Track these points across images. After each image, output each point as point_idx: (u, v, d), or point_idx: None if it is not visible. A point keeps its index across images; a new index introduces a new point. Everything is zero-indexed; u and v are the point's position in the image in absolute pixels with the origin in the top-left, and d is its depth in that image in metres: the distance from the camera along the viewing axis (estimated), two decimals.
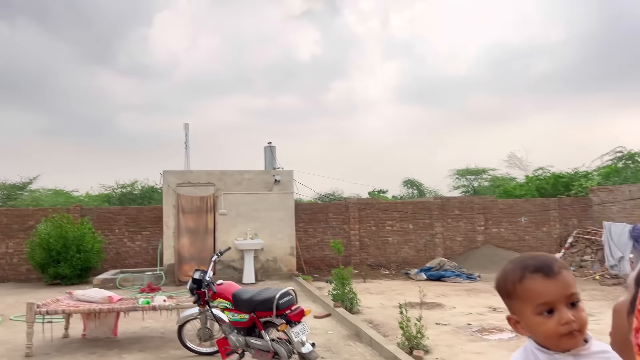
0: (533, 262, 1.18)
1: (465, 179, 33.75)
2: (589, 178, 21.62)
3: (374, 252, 16.89)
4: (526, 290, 1.14)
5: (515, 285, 1.16)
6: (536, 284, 1.13)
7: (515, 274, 1.17)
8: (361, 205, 17.70)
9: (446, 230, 17.27)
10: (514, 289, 1.18)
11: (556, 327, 1.12)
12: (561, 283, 1.14)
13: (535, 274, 1.14)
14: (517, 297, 1.17)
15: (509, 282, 1.20)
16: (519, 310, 1.18)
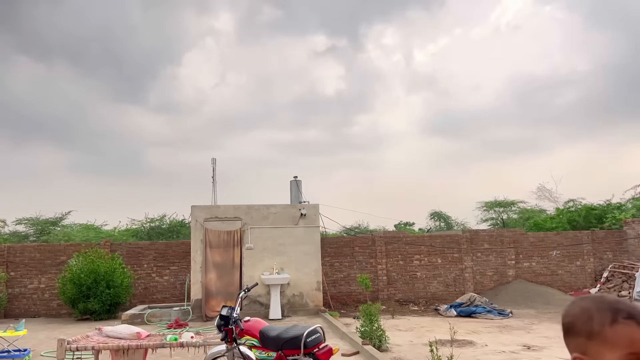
0: (625, 308, 1.11)
1: (493, 211, 33.18)
2: (622, 210, 21.01)
3: (402, 287, 16.60)
4: (618, 335, 1.07)
5: (605, 327, 1.09)
6: (631, 331, 1.07)
7: (605, 315, 1.11)
8: (388, 238, 17.53)
9: (476, 265, 16.90)
10: (601, 331, 1.10)
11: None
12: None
13: (630, 321, 1.08)
14: (602, 340, 1.09)
15: (595, 322, 1.12)
16: (597, 353, 1.10)
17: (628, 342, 1.04)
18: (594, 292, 15.99)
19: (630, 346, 1.04)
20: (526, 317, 13.16)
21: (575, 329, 1.15)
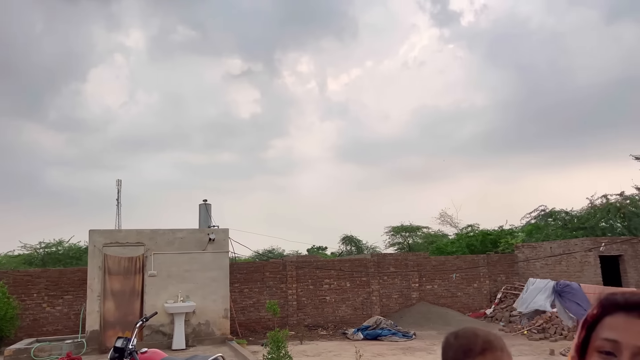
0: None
1: (400, 235, 34.47)
2: (514, 235, 22.73)
3: (311, 312, 16.62)
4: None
5: (502, 342, 1.32)
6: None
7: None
8: (299, 263, 17.55)
9: (382, 288, 17.38)
10: (502, 345, 1.32)
11: None
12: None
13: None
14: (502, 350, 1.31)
15: (497, 339, 1.33)
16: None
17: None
18: (489, 312, 17.03)
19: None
20: (428, 338, 13.68)
21: (493, 343, 1.31)
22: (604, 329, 1.05)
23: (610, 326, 1.04)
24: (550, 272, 16.82)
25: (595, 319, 1.08)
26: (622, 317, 1.03)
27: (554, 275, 16.27)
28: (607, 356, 1.01)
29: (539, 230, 21.87)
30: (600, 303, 1.10)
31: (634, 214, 20.01)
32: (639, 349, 0.98)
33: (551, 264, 17.18)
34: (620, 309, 1.05)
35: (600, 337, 1.04)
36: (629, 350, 0.98)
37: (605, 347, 1.02)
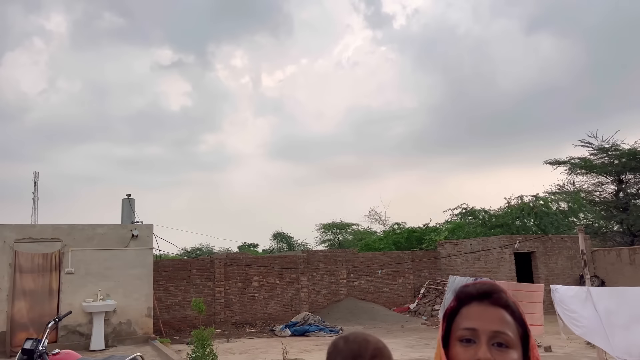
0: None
1: (331, 232, 34.95)
2: (437, 232, 23.69)
3: (239, 310, 16.44)
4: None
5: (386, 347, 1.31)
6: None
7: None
8: (227, 260, 17.29)
9: (311, 284, 17.51)
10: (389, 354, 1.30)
11: None
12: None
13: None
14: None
15: (382, 344, 1.32)
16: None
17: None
18: (413, 307, 17.65)
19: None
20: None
21: (384, 351, 1.28)
22: (462, 319, 1.13)
23: (467, 316, 1.13)
24: (470, 268, 17.68)
25: (453, 311, 1.18)
26: (476, 307, 1.13)
27: (473, 270, 17.13)
28: (468, 343, 1.10)
29: (461, 228, 22.94)
30: (456, 296, 1.19)
31: (545, 214, 21.50)
32: (494, 333, 1.08)
33: (471, 260, 18.08)
34: (474, 299, 1.15)
35: (460, 327, 1.12)
36: (485, 335, 1.08)
37: (465, 335, 1.11)
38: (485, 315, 1.11)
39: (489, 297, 1.14)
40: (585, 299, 6.98)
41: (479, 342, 1.09)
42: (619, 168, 23.93)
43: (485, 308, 1.13)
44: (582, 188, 25.64)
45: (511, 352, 1.08)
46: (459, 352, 1.10)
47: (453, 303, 1.18)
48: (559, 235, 18.74)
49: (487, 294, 1.15)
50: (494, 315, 1.12)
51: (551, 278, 16.00)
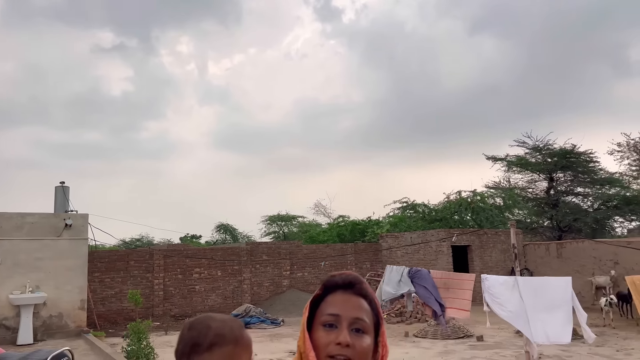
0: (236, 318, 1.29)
1: (276, 224, 34.87)
2: (380, 226, 24.16)
3: (179, 302, 16.11)
4: (249, 338, 1.25)
5: (242, 333, 1.23)
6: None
7: (238, 323, 1.25)
8: (167, 252, 16.89)
9: (254, 276, 17.42)
10: (241, 336, 1.22)
11: None
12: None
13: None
14: (243, 344, 1.22)
15: (237, 330, 1.23)
16: (239, 356, 1.21)
17: (251, 342, 1.23)
18: None
19: (251, 346, 1.23)
20: (296, 325, 14.02)
21: (225, 338, 1.19)
22: (327, 306, 1.22)
23: (331, 303, 1.22)
24: (409, 260, 18.16)
25: (318, 298, 1.25)
26: (341, 295, 1.23)
27: (413, 262, 17.59)
28: (330, 328, 1.18)
29: (402, 222, 23.50)
30: (323, 284, 1.28)
31: (482, 209, 22.40)
32: (354, 319, 1.19)
33: (410, 253, 18.57)
34: (339, 288, 1.24)
35: (324, 313, 1.20)
36: (346, 321, 1.18)
37: (329, 320, 1.19)
38: (348, 303, 1.21)
39: (352, 287, 1.24)
40: (513, 286, 7.37)
41: (341, 327, 1.18)
42: (551, 166, 25.29)
43: (349, 297, 1.23)
44: (517, 185, 26.92)
45: (366, 337, 1.18)
46: (321, 335, 1.18)
47: (319, 291, 1.26)
48: (494, 230, 19.58)
49: (351, 284, 1.24)
50: (355, 303, 1.22)
51: (485, 270, 16.69)
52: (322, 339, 1.17)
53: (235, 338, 1.18)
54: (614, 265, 15.81)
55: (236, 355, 1.18)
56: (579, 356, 9.08)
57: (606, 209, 25.37)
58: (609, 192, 25.14)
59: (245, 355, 1.20)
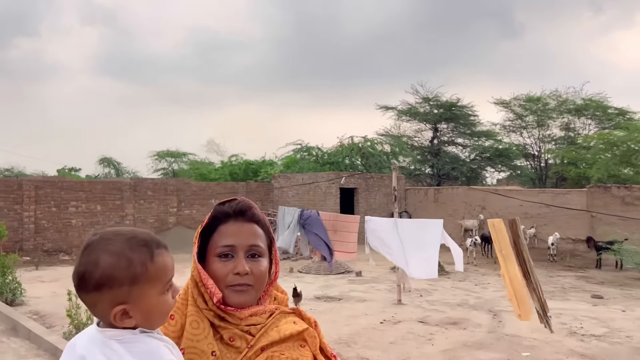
0: (150, 238, 1.03)
1: (165, 161, 33.54)
2: (273, 166, 24.24)
3: (52, 237, 15.06)
4: (158, 268, 1.00)
5: (147, 265, 0.98)
6: (164, 259, 1.02)
7: (142, 252, 0.99)
8: (39, 183, 15.53)
9: (138, 212, 16.72)
10: (144, 271, 0.99)
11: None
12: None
13: (160, 249, 1.02)
14: (146, 279, 0.99)
15: (137, 264, 0.98)
16: (140, 295, 0.99)
17: (165, 270, 1.02)
18: None
19: (167, 273, 1.03)
20: (181, 262, 13.71)
21: (116, 280, 0.96)
22: (220, 237, 1.18)
23: (224, 234, 1.18)
24: (300, 201, 18.54)
25: (208, 228, 1.20)
26: (233, 224, 1.20)
27: (303, 203, 17.99)
28: (226, 258, 1.16)
29: (295, 164, 23.77)
30: (212, 215, 1.22)
31: (371, 154, 23.33)
32: (249, 247, 1.18)
33: (301, 193, 18.94)
34: (230, 217, 1.20)
35: (219, 245, 1.17)
36: (242, 250, 1.17)
37: (224, 251, 1.16)
38: (241, 232, 1.19)
39: (243, 215, 1.21)
40: (393, 227, 7.85)
41: (237, 256, 1.16)
42: (437, 117, 26.85)
43: (241, 225, 1.20)
44: (405, 133, 28.30)
45: (262, 260, 1.19)
46: (217, 267, 1.15)
47: (208, 220, 1.21)
48: (380, 174, 20.55)
49: (242, 212, 1.21)
50: (248, 231, 1.20)
51: (370, 212, 17.57)
52: (219, 270, 1.15)
53: (132, 276, 0.98)
54: (481, 210, 17.48)
55: (135, 294, 0.98)
56: (443, 289, 10.03)
57: (480, 160, 27.74)
58: (484, 145, 27.40)
59: (154, 289, 1.00)
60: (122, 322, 0.98)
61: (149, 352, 0.99)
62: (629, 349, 6.13)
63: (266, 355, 1.12)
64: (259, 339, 1.14)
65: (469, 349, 6.08)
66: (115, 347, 0.97)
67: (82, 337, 1.03)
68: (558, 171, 24.86)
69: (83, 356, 0.98)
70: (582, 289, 10.44)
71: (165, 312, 1.04)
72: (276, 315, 1.19)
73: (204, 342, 1.12)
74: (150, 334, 1.02)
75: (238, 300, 1.15)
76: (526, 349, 6.04)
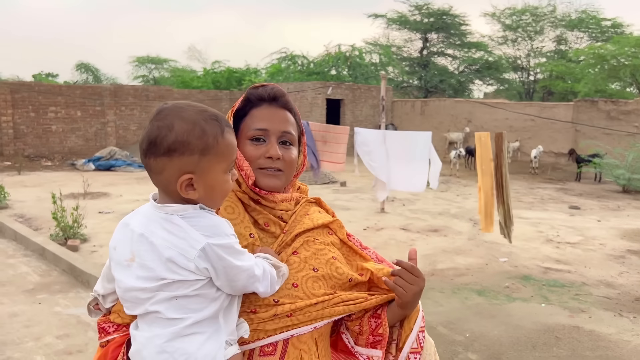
0: (221, 116, 1.03)
1: (145, 67, 32.48)
2: (258, 75, 23.59)
3: (33, 142, 14.77)
4: (227, 144, 1.00)
5: (217, 139, 0.98)
6: (232, 138, 1.03)
7: (214, 126, 0.99)
8: (15, 87, 14.93)
9: (119, 119, 16.36)
10: (214, 143, 0.98)
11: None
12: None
13: (229, 129, 1.03)
14: (215, 153, 0.99)
15: (209, 136, 0.98)
16: (208, 168, 0.98)
17: (232, 149, 1.03)
18: None
19: (233, 153, 1.04)
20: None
21: (189, 146, 0.95)
22: (253, 120, 1.17)
23: (258, 117, 1.17)
24: None
25: (240, 111, 1.19)
26: (266, 109, 1.18)
27: None
28: (258, 142, 1.16)
29: (280, 72, 23.14)
30: (245, 97, 1.21)
31: (358, 65, 22.74)
32: (282, 133, 1.17)
33: None
34: (264, 101, 1.19)
35: (252, 128, 1.16)
36: (275, 135, 1.16)
37: (257, 135, 1.16)
38: (275, 117, 1.18)
39: (277, 101, 1.20)
40: (381, 140, 7.79)
41: (269, 141, 1.16)
42: (427, 26, 25.97)
43: (275, 110, 1.19)
44: (394, 43, 27.47)
45: (293, 149, 1.19)
46: (250, 149, 1.15)
47: (241, 104, 1.20)
48: (367, 85, 20.17)
49: (276, 97, 1.20)
50: (282, 117, 1.19)
51: (356, 124, 17.45)
52: (251, 152, 1.15)
53: (204, 146, 0.97)
54: (467, 123, 17.47)
55: (203, 165, 0.98)
56: (425, 199, 10.23)
57: (469, 72, 27.31)
58: (474, 56, 26.83)
59: (220, 164, 1.00)
60: (187, 192, 0.97)
61: (213, 226, 0.98)
62: (601, 255, 6.41)
63: (302, 240, 1.18)
64: (292, 226, 1.19)
65: (449, 254, 6.29)
66: (178, 222, 0.97)
67: (136, 216, 1.03)
68: (546, 85, 24.69)
69: (142, 234, 0.97)
70: (560, 200, 10.74)
71: (225, 191, 1.04)
72: (302, 204, 1.25)
73: (241, 225, 1.13)
74: (210, 211, 1.02)
75: (269, 184, 1.16)
76: (504, 255, 6.28)
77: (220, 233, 0.98)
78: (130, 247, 0.98)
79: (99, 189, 10.31)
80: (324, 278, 1.14)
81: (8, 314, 3.90)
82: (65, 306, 4.11)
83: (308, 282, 1.12)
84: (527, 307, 4.66)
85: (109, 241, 1.05)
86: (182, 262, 0.95)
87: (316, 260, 1.16)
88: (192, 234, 0.96)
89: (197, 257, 0.95)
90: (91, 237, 6.41)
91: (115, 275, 1.02)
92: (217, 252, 0.96)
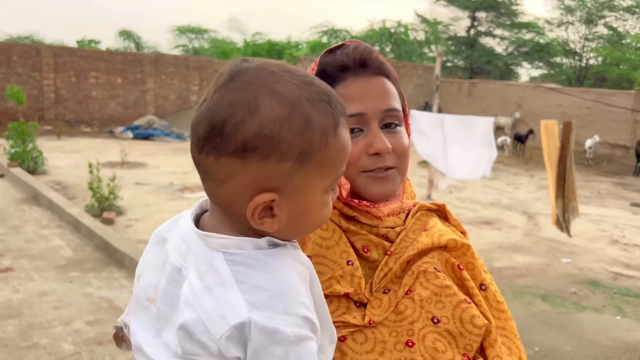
0: (334, 93, 0.60)
1: (186, 37, 32.33)
2: (298, 49, 23.05)
3: (73, 107, 14.76)
4: (340, 146, 0.59)
5: (328, 136, 0.57)
6: (347, 135, 0.61)
7: (325, 112, 0.57)
8: (57, 50, 14.88)
9: (159, 88, 16.18)
10: (322, 144, 0.57)
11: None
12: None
13: (344, 118, 0.61)
14: (320, 161, 0.58)
15: (316, 130, 0.56)
16: (302, 186, 0.58)
17: (345, 154, 0.60)
18: None
19: (344, 160, 0.61)
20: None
21: (281, 146, 0.55)
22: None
23: (346, 97, 0.75)
24: None
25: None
26: (354, 81, 0.77)
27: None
28: (352, 134, 0.76)
29: (321, 47, 22.53)
30: (319, 70, 0.79)
31: (403, 42, 21.90)
32: (385, 113, 0.78)
33: None
34: (350, 70, 0.78)
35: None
36: (376, 119, 0.77)
37: (350, 124, 0.75)
38: (370, 92, 0.77)
39: (366, 66, 0.79)
40: (439, 124, 7.22)
41: (369, 129, 0.77)
42: (477, 4, 24.75)
43: (367, 81, 0.78)
44: (441, 21, 26.37)
45: (402, 132, 0.80)
46: None
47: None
48: (412, 63, 19.39)
49: (365, 61, 0.79)
50: (379, 89, 0.78)
51: None
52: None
53: (306, 148, 0.56)
54: (517, 107, 16.58)
55: (298, 180, 0.57)
56: (473, 187, 9.66)
57: (518, 54, 26.04)
58: (524, 37, 25.53)
59: (323, 180, 0.59)
60: (261, 222, 0.58)
61: (275, 291, 0.56)
62: None
63: (416, 270, 0.76)
64: (402, 246, 0.78)
65: (505, 251, 5.80)
66: (219, 267, 0.57)
67: (175, 234, 0.65)
68: (599, 71, 23.31)
69: (179, 269, 0.61)
70: (620, 196, 9.99)
71: (321, 221, 0.63)
72: (416, 215, 0.84)
73: (336, 248, 0.76)
74: (283, 247, 0.61)
75: (380, 191, 0.78)
76: (566, 255, 5.74)
77: (283, 307, 0.55)
78: (158, 281, 0.62)
79: (136, 158, 10.14)
80: (451, 335, 0.72)
81: (37, 293, 3.66)
82: (98, 287, 3.85)
83: (427, 338, 0.71)
84: (600, 319, 4.15)
85: (145, 215, 0.62)
86: (200, 336, 0.55)
87: (438, 305, 0.74)
88: (231, 295, 0.55)
89: (225, 337, 0.54)
90: (127, 209, 6.17)
91: (129, 319, 0.64)
92: (262, 340, 0.53)
